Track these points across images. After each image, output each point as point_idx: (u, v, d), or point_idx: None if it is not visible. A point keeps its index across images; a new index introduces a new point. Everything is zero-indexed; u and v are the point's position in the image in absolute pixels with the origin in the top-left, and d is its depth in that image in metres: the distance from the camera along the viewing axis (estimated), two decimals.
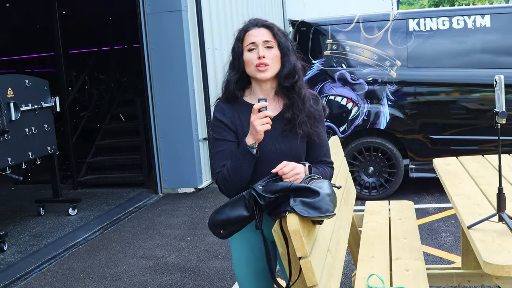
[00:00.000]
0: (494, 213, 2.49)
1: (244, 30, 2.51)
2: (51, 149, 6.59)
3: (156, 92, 7.60)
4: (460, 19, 6.60)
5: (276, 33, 2.50)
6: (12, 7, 11.45)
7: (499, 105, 2.35)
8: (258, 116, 2.30)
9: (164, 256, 5.30)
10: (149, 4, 7.47)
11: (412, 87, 6.67)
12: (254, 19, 2.56)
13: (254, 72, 2.47)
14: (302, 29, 7.07)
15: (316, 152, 2.59)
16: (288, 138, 2.50)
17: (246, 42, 2.49)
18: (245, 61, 2.49)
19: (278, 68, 2.50)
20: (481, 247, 2.28)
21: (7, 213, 7.21)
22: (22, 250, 5.63)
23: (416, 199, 6.66)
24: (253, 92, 2.57)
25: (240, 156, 2.39)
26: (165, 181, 7.74)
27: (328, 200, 2.21)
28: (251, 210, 2.31)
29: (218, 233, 2.39)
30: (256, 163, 2.42)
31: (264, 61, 2.44)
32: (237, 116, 2.52)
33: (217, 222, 2.36)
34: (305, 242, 2.15)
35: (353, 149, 6.80)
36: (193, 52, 7.65)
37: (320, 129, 2.57)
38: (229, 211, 2.33)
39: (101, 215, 6.69)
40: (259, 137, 2.34)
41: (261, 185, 2.30)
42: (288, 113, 2.50)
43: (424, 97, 6.67)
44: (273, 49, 2.48)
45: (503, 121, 2.35)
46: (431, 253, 4.97)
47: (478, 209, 2.77)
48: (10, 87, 5.90)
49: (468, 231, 2.49)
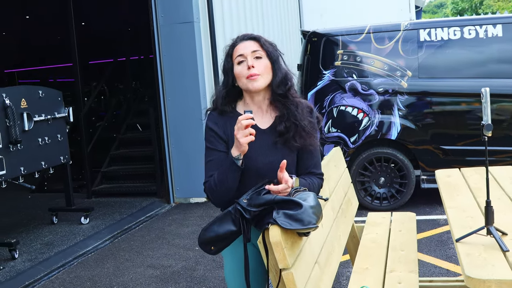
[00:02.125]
0: (482, 227, 2.47)
1: (232, 46, 2.54)
2: (64, 159, 6.69)
3: (169, 102, 7.68)
4: (471, 28, 6.56)
5: (264, 43, 2.52)
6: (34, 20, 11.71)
7: (486, 118, 2.34)
8: (240, 127, 2.31)
9: (171, 265, 5.34)
10: (162, 15, 7.57)
11: (423, 98, 6.63)
12: (242, 34, 2.59)
13: (246, 83, 2.48)
14: (313, 40, 7.08)
15: (306, 163, 2.60)
16: (280, 151, 2.51)
17: (234, 55, 2.51)
18: (235, 74, 2.51)
19: (270, 78, 2.51)
20: (466, 260, 2.26)
21: (21, 221, 7.33)
22: (33, 258, 5.72)
23: (427, 210, 6.61)
24: (246, 103, 2.59)
25: (226, 168, 2.41)
26: (177, 190, 7.80)
27: (311, 212, 2.22)
28: (239, 225, 2.31)
29: (209, 250, 2.40)
30: (245, 175, 2.44)
31: (254, 71, 2.45)
32: (229, 125, 2.54)
33: (207, 240, 2.36)
34: (287, 254, 2.16)
35: (364, 160, 6.78)
36: (205, 63, 7.72)
37: (314, 141, 2.58)
38: (217, 227, 2.34)
39: (112, 224, 6.77)
40: (243, 149, 2.35)
41: (245, 199, 2.31)
42: (280, 125, 2.51)
43: (435, 108, 6.63)
44: (263, 59, 2.49)
45: (489, 133, 2.34)
46: (438, 265, 4.92)
47: (470, 222, 2.75)
48: (23, 98, 6.02)
49: (456, 244, 2.48)
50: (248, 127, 2.30)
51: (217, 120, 2.56)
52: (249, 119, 2.30)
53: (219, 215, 2.37)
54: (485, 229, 2.46)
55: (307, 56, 7.05)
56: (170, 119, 7.70)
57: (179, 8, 7.47)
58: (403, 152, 6.72)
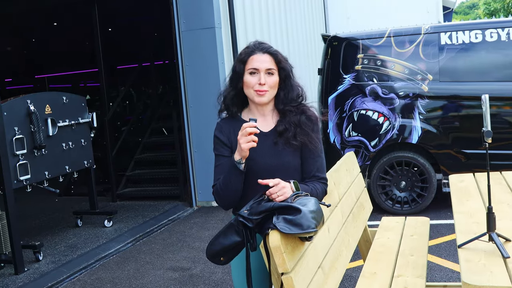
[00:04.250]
0: (484, 233, 2.48)
1: (248, 54, 2.59)
2: (87, 163, 6.83)
3: (191, 107, 7.77)
4: (493, 31, 6.50)
5: (280, 60, 2.59)
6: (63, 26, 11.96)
7: (485, 124, 2.35)
8: (244, 134, 2.38)
9: (191, 268, 5.41)
10: (183, 21, 7.67)
11: (444, 101, 6.59)
12: (259, 43, 2.63)
13: (253, 95, 2.57)
14: (333, 44, 7.10)
15: (309, 167, 2.65)
16: (282, 153, 2.58)
17: (248, 65, 2.57)
18: (245, 82, 2.58)
19: (275, 92, 2.60)
20: (465, 266, 2.28)
21: (48, 224, 7.51)
22: (56, 260, 5.86)
23: (449, 214, 6.56)
24: (251, 111, 2.67)
25: (230, 171, 2.49)
26: (200, 194, 7.89)
27: (310, 217, 2.26)
28: (242, 235, 2.37)
29: (218, 261, 2.46)
30: (249, 178, 2.51)
31: (264, 88, 2.54)
32: (233, 132, 2.62)
33: (215, 252, 2.43)
34: (286, 258, 2.21)
35: (384, 164, 6.76)
36: (227, 68, 7.79)
37: (315, 140, 2.63)
38: (223, 239, 2.40)
39: (135, 227, 6.88)
40: (245, 154, 2.43)
41: (246, 210, 2.38)
42: (280, 126, 2.60)
43: (456, 111, 6.58)
44: (274, 76, 2.57)
45: (490, 140, 2.35)
46: (456, 269, 4.89)
47: (475, 228, 2.76)
48: (48, 104, 6.17)
49: (458, 250, 2.49)
50: (251, 135, 2.37)
51: (222, 128, 2.66)
52: (253, 128, 2.38)
53: (222, 228, 2.43)
54: (487, 235, 2.47)
55: (328, 60, 7.07)
56: (192, 123, 7.79)
57: (201, 14, 7.57)
58: (424, 156, 6.69)
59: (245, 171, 2.47)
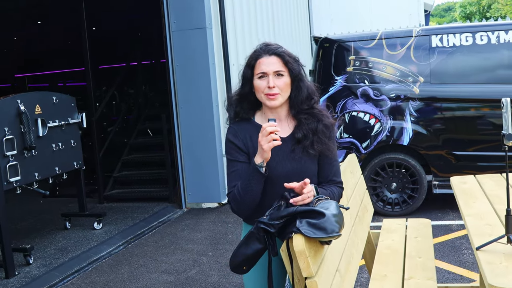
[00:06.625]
0: (502, 235, 2.49)
1: (255, 58, 2.54)
2: (77, 164, 6.73)
3: (181, 108, 7.71)
4: (483, 34, 6.57)
5: (287, 61, 2.52)
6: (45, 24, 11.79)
7: (506, 127, 2.36)
8: (265, 134, 2.35)
9: (186, 271, 5.36)
10: (174, 21, 7.61)
11: (435, 103, 6.64)
12: (265, 45, 2.57)
13: (264, 99, 2.53)
14: (325, 46, 7.11)
15: (326, 172, 2.63)
16: (299, 159, 2.54)
17: (257, 70, 2.53)
18: (255, 87, 2.54)
19: (288, 94, 2.55)
20: (488, 269, 2.28)
21: (35, 226, 7.39)
22: (47, 264, 5.76)
23: (439, 215, 6.61)
24: (264, 114, 2.63)
25: (250, 175, 2.45)
26: (189, 196, 7.83)
27: (333, 221, 2.25)
28: (264, 242, 2.34)
29: (241, 270, 2.43)
30: (267, 184, 2.47)
31: (274, 91, 2.49)
32: (249, 137, 2.58)
33: (238, 263, 2.40)
34: (310, 262, 2.19)
35: (376, 165, 6.79)
36: (218, 69, 7.75)
37: (332, 147, 2.61)
38: (245, 249, 2.37)
39: (125, 230, 6.80)
40: (266, 155, 2.38)
41: (266, 216, 2.35)
42: (298, 133, 2.55)
43: (447, 113, 6.63)
44: (284, 77, 2.51)
45: (510, 143, 2.36)
46: (452, 270, 4.93)
47: (489, 230, 2.77)
48: (38, 104, 6.07)
49: (476, 252, 2.49)
50: (272, 134, 2.34)
51: (237, 133, 2.60)
52: (273, 127, 2.34)
53: (243, 239, 2.40)
54: (505, 238, 2.48)
55: (319, 61, 7.08)
56: (182, 124, 7.73)
57: (192, 14, 7.51)
58: (415, 157, 6.73)
59: (267, 174, 2.43)
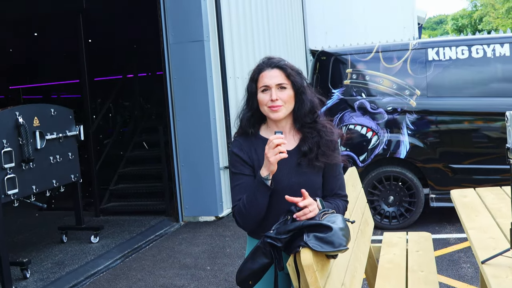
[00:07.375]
0: (508, 248, 2.50)
1: (258, 71, 2.57)
2: (74, 177, 6.70)
3: (178, 120, 7.71)
4: (479, 48, 6.62)
5: (290, 73, 2.54)
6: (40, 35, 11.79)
7: (511, 140, 2.37)
8: (271, 147, 2.35)
9: (184, 285, 5.33)
10: (172, 34, 7.63)
11: (431, 116, 6.67)
12: (268, 58, 2.60)
13: (267, 112, 2.54)
14: (322, 59, 7.14)
15: (331, 185, 2.64)
16: (305, 172, 2.55)
17: (259, 83, 2.55)
18: (258, 100, 2.56)
19: (291, 107, 2.56)
20: (494, 282, 2.29)
21: (31, 239, 7.34)
22: (45, 278, 5.72)
23: (437, 228, 6.62)
24: (269, 127, 2.64)
25: (255, 189, 2.45)
26: (186, 209, 7.81)
27: (341, 235, 2.25)
28: (271, 256, 2.35)
29: (247, 285, 2.43)
30: (272, 198, 2.47)
31: (277, 103, 2.51)
32: (254, 150, 2.59)
33: (244, 278, 2.40)
34: (318, 276, 2.19)
35: (373, 178, 6.80)
36: (215, 81, 7.76)
37: (337, 161, 2.62)
38: (251, 264, 2.37)
39: (122, 243, 6.77)
40: (273, 168, 2.39)
41: (273, 230, 2.35)
42: (304, 146, 2.56)
43: (444, 126, 6.66)
44: (287, 90, 2.53)
45: None
46: (451, 284, 4.93)
47: (493, 243, 2.78)
48: (36, 116, 6.05)
49: (481, 265, 2.50)
50: (279, 147, 2.34)
51: (242, 146, 2.61)
52: (280, 139, 2.35)
53: (249, 254, 2.40)
54: (511, 251, 2.49)
55: (316, 74, 7.11)
56: (180, 137, 7.73)
57: (190, 26, 7.53)
58: (412, 170, 6.75)
59: (273, 187, 2.43)
